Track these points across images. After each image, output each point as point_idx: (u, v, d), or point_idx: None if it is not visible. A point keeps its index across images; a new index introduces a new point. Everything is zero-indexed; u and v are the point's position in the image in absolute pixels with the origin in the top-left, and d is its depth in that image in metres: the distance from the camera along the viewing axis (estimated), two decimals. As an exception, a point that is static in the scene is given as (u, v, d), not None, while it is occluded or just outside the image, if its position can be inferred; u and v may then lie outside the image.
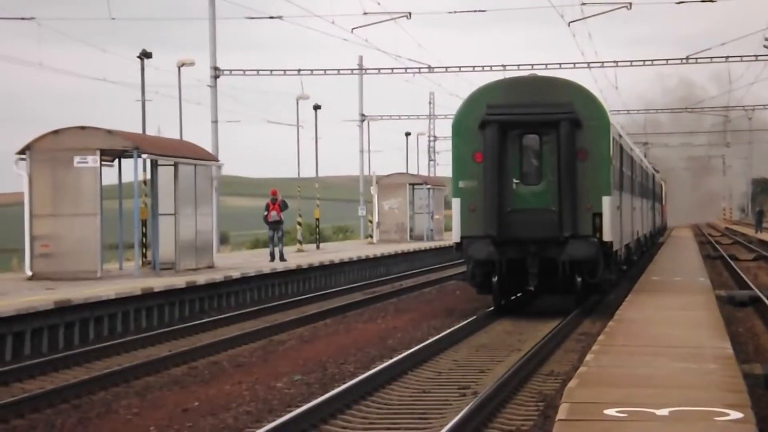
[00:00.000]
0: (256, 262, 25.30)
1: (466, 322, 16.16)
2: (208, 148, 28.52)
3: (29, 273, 19.50)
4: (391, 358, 12.66)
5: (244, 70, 37.61)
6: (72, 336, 15.25)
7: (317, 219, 37.65)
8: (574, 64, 38.58)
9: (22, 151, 19.69)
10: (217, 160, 24.81)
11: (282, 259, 25.40)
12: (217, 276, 20.52)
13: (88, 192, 19.60)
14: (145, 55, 27.89)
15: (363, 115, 50.58)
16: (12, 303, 14.54)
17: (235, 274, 21.19)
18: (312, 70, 39.71)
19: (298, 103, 37.38)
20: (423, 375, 11.87)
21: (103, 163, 20.10)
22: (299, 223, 35.72)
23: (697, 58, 39.19)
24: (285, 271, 23.73)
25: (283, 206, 25.75)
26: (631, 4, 31.38)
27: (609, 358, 9.49)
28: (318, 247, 35.65)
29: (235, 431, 8.98)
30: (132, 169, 20.82)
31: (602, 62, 38.80)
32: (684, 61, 39.73)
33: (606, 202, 16.77)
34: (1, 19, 26.15)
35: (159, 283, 18.44)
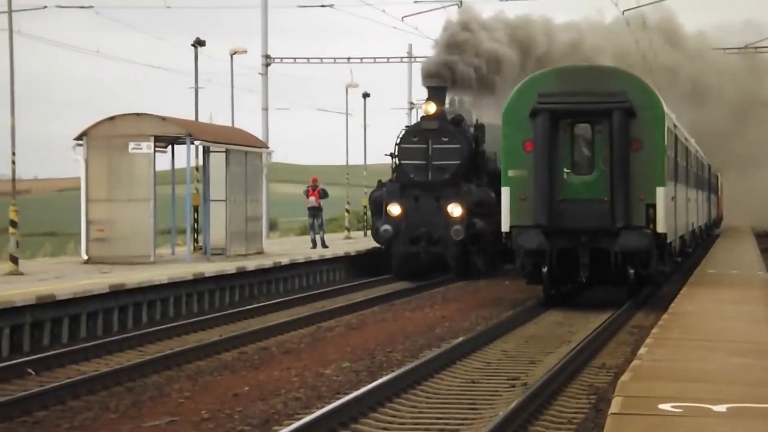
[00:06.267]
0: (305, 248, 25.38)
1: (515, 312, 15.99)
2: (259, 135, 28.65)
3: (85, 257, 19.76)
4: (440, 347, 12.57)
5: (294, 58, 37.69)
6: (126, 319, 15.42)
7: (365, 206, 37.65)
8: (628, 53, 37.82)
9: (79, 137, 19.95)
10: (268, 147, 24.89)
11: (323, 245, 25.47)
12: (267, 262, 20.60)
13: (142, 177, 19.79)
14: (198, 43, 28.04)
15: (411, 103, 50.32)
16: (68, 286, 14.75)
17: (284, 260, 21.27)
18: (361, 58, 39.61)
19: (347, 91, 37.39)
20: (472, 365, 11.77)
21: (156, 149, 20.27)
22: (347, 210, 35.75)
23: (756, 47, 38.24)
24: (333, 257, 23.75)
25: (323, 194, 25.98)
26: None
27: (663, 352, 9.29)
28: (366, 234, 35.64)
29: (285, 417, 8.96)
30: (185, 156, 20.99)
31: (656, 51, 38.01)
32: (742, 50, 38.81)
33: (660, 192, 16.49)
34: (60, 7, 26.51)
35: (210, 268, 18.56)
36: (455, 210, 22.73)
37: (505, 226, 16.83)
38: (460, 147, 23.05)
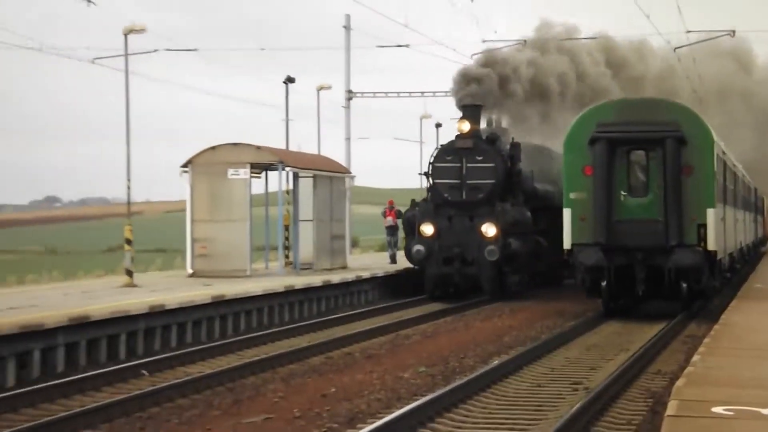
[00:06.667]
0: (384, 263, 25.56)
1: (576, 322, 15.84)
2: (342, 162, 29.00)
3: (190, 271, 20.30)
4: (508, 354, 12.54)
5: (374, 93, 38.10)
6: (226, 326, 15.78)
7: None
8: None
9: (185, 165, 20.57)
10: (350, 173, 25.22)
11: (393, 261, 25.65)
12: (350, 276, 20.82)
13: (240, 200, 20.26)
14: (289, 80, 28.65)
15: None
16: (176, 297, 15.19)
17: (365, 274, 21.45)
18: (434, 92, 39.80)
19: (421, 122, 37.69)
20: (537, 370, 11.71)
21: (252, 174, 20.75)
22: (421, 230, 35.78)
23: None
24: (409, 271, 23.84)
25: (398, 214, 26.17)
26: (734, 31, 29.99)
27: (715, 360, 9.12)
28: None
29: (368, 416, 9.07)
30: (277, 181, 21.44)
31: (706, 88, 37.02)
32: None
33: (710, 213, 16.25)
34: (170, 50, 27.45)
35: (299, 281, 18.86)
36: (489, 230, 20.45)
37: (566, 244, 16.81)
38: (494, 166, 20.77)
